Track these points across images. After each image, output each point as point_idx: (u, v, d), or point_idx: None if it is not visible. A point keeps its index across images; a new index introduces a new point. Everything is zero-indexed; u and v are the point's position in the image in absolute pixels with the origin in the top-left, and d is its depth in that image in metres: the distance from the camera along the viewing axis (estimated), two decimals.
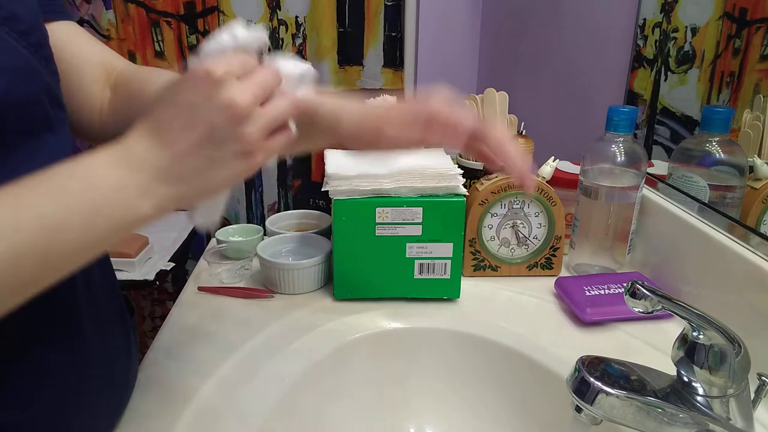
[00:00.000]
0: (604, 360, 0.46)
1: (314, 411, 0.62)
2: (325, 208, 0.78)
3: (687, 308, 0.43)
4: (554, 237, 0.78)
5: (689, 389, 0.44)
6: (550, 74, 1.23)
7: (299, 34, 1.56)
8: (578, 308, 0.69)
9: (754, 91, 0.63)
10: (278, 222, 0.86)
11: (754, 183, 0.62)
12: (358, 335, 0.67)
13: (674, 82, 0.77)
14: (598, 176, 0.76)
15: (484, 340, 0.67)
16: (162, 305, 1.66)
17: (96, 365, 0.47)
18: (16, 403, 0.41)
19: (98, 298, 0.49)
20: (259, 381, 0.59)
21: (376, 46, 1.60)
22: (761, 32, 0.62)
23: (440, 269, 0.71)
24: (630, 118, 0.73)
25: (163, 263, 1.19)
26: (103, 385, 0.49)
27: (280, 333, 0.66)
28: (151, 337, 0.67)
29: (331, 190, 0.68)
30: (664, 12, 0.80)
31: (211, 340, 0.65)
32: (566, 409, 0.46)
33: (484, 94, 0.81)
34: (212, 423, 0.53)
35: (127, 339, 0.54)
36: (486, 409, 0.67)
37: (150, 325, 1.66)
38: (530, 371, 0.63)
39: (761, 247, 0.59)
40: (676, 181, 0.74)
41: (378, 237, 0.69)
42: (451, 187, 0.68)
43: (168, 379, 0.59)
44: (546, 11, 1.25)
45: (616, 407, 0.44)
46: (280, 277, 0.74)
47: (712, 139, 0.67)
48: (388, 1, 1.57)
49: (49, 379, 0.43)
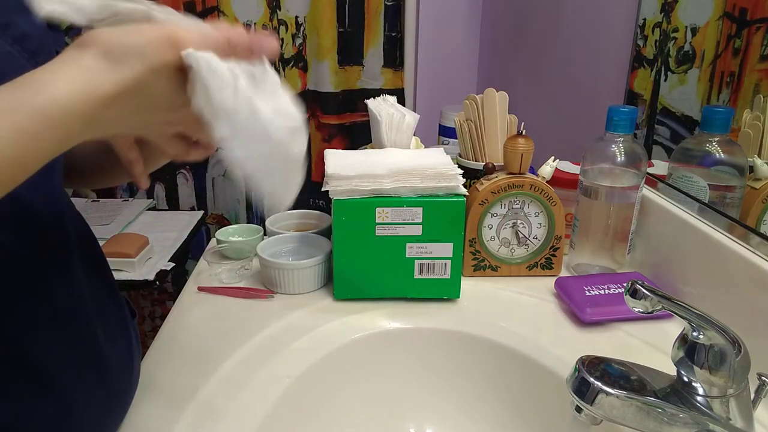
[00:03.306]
0: (604, 360, 0.46)
1: (314, 411, 0.62)
2: (325, 208, 0.78)
3: (687, 308, 0.43)
4: (554, 237, 0.78)
5: (689, 389, 0.44)
6: (550, 74, 1.23)
7: (299, 34, 1.56)
8: (578, 308, 0.69)
9: (754, 91, 0.63)
10: (278, 222, 0.86)
11: (754, 183, 0.62)
12: (358, 335, 0.67)
13: (674, 82, 0.77)
14: (598, 176, 0.76)
15: (484, 340, 0.67)
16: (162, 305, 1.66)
17: (100, 369, 0.47)
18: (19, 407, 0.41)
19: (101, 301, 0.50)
20: (259, 381, 0.59)
21: (376, 46, 1.60)
22: (761, 32, 0.62)
23: (440, 269, 0.71)
24: (630, 118, 0.73)
25: (163, 263, 1.19)
26: (106, 390, 0.49)
27: (280, 333, 0.67)
28: (151, 337, 0.67)
29: (331, 190, 0.68)
30: (664, 12, 0.80)
31: (211, 340, 0.65)
32: (566, 409, 0.46)
33: (484, 94, 0.81)
34: (212, 423, 0.53)
35: (129, 342, 0.54)
36: (486, 409, 0.67)
37: (150, 325, 1.67)
38: (530, 371, 0.63)
39: (761, 247, 0.59)
40: (676, 181, 0.74)
41: (378, 237, 0.69)
42: (451, 187, 0.68)
43: (168, 379, 0.59)
44: (546, 11, 1.25)
45: (616, 407, 0.44)
46: (280, 277, 0.74)
47: (712, 139, 0.67)
48: (388, 1, 1.57)
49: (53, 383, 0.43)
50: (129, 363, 0.54)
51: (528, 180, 0.75)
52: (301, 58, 1.58)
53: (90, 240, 0.52)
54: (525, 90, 1.33)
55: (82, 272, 0.47)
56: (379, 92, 0.86)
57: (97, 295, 0.49)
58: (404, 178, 0.67)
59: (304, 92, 1.61)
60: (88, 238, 0.52)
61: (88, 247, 0.51)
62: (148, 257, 1.20)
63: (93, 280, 0.49)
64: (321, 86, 1.59)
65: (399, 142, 0.79)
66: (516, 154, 0.74)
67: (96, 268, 0.51)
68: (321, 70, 1.58)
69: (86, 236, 0.52)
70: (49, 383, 0.42)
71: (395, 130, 0.78)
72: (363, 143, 0.87)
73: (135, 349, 0.56)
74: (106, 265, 0.54)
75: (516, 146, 0.74)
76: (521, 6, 1.40)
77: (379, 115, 0.78)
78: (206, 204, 1.65)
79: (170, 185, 1.62)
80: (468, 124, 0.83)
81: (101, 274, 0.52)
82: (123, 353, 0.53)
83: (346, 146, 1.62)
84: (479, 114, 0.82)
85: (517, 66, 1.44)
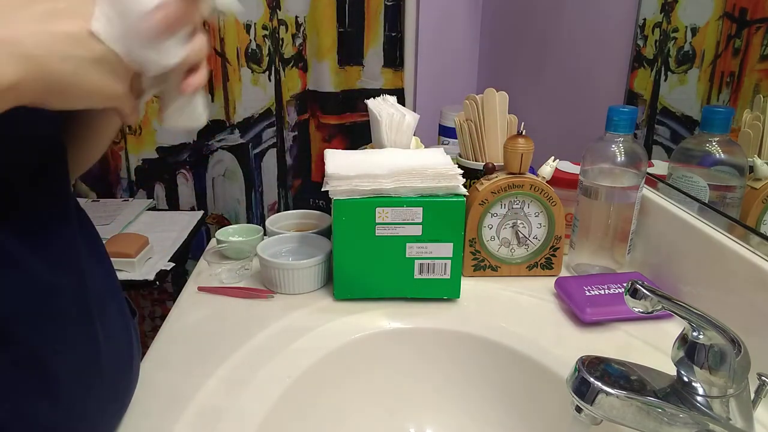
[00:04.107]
0: (604, 360, 0.46)
1: (314, 411, 0.62)
2: (325, 208, 0.78)
3: (687, 308, 0.43)
4: (554, 237, 0.78)
5: (689, 389, 0.44)
6: (550, 74, 1.23)
7: (299, 34, 1.56)
8: (578, 308, 0.69)
9: (754, 91, 0.63)
10: (278, 222, 0.86)
11: (754, 183, 0.62)
12: (358, 335, 0.67)
13: (674, 82, 0.77)
14: (598, 176, 0.76)
15: (484, 340, 0.67)
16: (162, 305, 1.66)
17: (100, 369, 0.47)
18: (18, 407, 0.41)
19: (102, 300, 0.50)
20: (259, 381, 0.59)
21: (376, 46, 1.60)
22: (761, 32, 0.62)
23: (440, 269, 0.71)
24: (630, 118, 0.73)
25: (163, 263, 1.19)
26: (106, 390, 0.49)
27: (280, 333, 0.67)
28: (151, 337, 0.67)
29: (331, 190, 0.68)
30: (664, 12, 0.80)
31: (211, 340, 0.66)
32: (566, 409, 0.46)
33: (484, 94, 0.81)
34: (212, 423, 0.53)
35: (129, 342, 0.54)
36: (486, 409, 0.67)
37: (150, 325, 1.67)
38: (530, 371, 0.63)
39: (761, 247, 0.59)
40: (676, 181, 0.74)
41: (378, 237, 0.69)
42: (451, 187, 0.68)
43: (168, 379, 0.59)
44: (546, 11, 1.25)
45: (616, 407, 0.44)
46: (280, 277, 0.74)
47: (712, 139, 0.67)
48: (388, 1, 1.57)
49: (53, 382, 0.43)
50: (129, 363, 0.54)
51: (528, 180, 0.75)
52: (301, 58, 1.58)
53: (93, 238, 0.52)
54: (525, 90, 1.33)
55: (83, 272, 0.47)
56: (379, 92, 0.86)
57: (98, 295, 0.49)
58: (404, 178, 0.67)
59: (304, 92, 1.61)
60: (91, 237, 0.52)
61: (90, 246, 0.51)
62: (148, 257, 1.20)
63: (94, 279, 0.49)
64: (321, 86, 1.59)
65: (399, 142, 0.79)
66: (516, 154, 0.74)
67: (98, 268, 0.51)
68: (321, 70, 1.58)
69: (89, 235, 0.52)
70: (49, 382, 0.42)
71: (395, 130, 0.78)
72: (363, 143, 0.87)
73: (135, 349, 0.56)
74: (109, 264, 0.54)
75: (516, 146, 0.74)
76: (521, 6, 1.40)
77: (379, 115, 0.78)
78: (206, 204, 1.65)
79: (170, 185, 1.62)
80: (468, 124, 0.83)
81: (103, 274, 0.52)
82: (123, 353, 0.53)
83: (346, 146, 1.62)
84: (479, 114, 0.82)
85: (517, 66, 1.44)
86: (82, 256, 0.47)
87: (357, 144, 0.90)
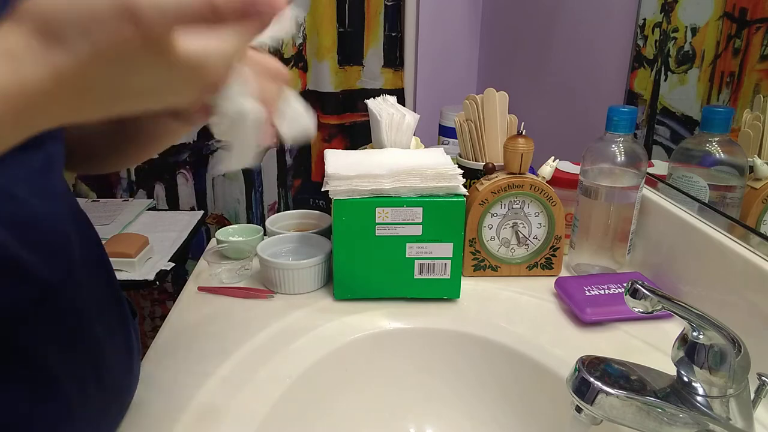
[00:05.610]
0: (604, 360, 0.46)
1: (314, 411, 0.62)
2: (325, 208, 0.78)
3: (687, 308, 0.43)
4: (554, 237, 0.78)
5: (689, 389, 0.44)
6: (550, 74, 1.23)
7: (299, 34, 1.56)
8: (578, 308, 0.69)
9: (754, 91, 0.63)
10: (278, 222, 0.86)
11: (754, 183, 0.62)
12: (358, 335, 0.67)
13: (674, 82, 0.77)
14: (598, 176, 0.76)
15: (484, 340, 0.67)
16: (162, 305, 1.66)
17: (100, 369, 0.47)
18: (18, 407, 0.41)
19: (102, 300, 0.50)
20: (259, 381, 0.59)
21: (376, 46, 1.60)
22: (761, 32, 0.62)
23: (440, 269, 0.71)
24: (630, 118, 0.73)
25: (163, 263, 1.19)
26: (106, 390, 0.49)
27: (280, 333, 0.67)
28: (151, 337, 0.67)
29: (330, 190, 0.68)
30: (664, 12, 0.80)
31: (211, 340, 0.66)
32: (566, 409, 0.46)
33: (484, 94, 0.81)
34: (212, 423, 0.53)
35: (129, 342, 0.54)
36: (486, 409, 0.67)
37: (150, 325, 1.67)
38: (530, 371, 0.63)
39: (761, 247, 0.59)
40: (676, 181, 0.74)
41: (378, 237, 0.69)
42: (451, 187, 0.68)
43: (168, 379, 0.59)
44: (546, 11, 1.25)
45: (616, 407, 0.44)
46: (280, 277, 0.74)
47: (712, 139, 0.67)
48: (388, 1, 1.57)
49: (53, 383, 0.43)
50: (129, 363, 0.54)
51: (528, 180, 0.75)
52: (301, 58, 1.58)
53: (92, 239, 0.52)
54: (525, 90, 1.33)
55: (83, 271, 0.47)
56: (379, 92, 0.86)
57: (98, 295, 0.49)
58: (404, 178, 0.67)
59: (304, 92, 1.61)
60: (90, 237, 0.52)
61: (89, 246, 0.51)
62: (148, 257, 1.20)
63: (94, 279, 0.49)
64: (321, 86, 1.59)
65: (399, 142, 0.79)
66: (516, 154, 0.74)
67: (98, 268, 0.51)
68: (321, 70, 1.58)
69: (88, 235, 0.52)
70: (49, 383, 0.42)
71: (395, 130, 0.78)
72: (363, 143, 0.87)
73: (135, 349, 0.56)
74: (109, 265, 0.54)
75: (516, 146, 0.74)
76: (521, 6, 1.40)
77: (379, 115, 0.78)
78: (206, 204, 1.65)
79: (170, 185, 1.62)
80: (468, 124, 0.83)
81: (103, 274, 0.52)
82: (123, 353, 0.53)
83: (346, 146, 1.62)
84: (479, 114, 0.82)
85: (517, 66, 1.44)
86: (81, 256, 0.47)
87: (357, 144, 0.90)
